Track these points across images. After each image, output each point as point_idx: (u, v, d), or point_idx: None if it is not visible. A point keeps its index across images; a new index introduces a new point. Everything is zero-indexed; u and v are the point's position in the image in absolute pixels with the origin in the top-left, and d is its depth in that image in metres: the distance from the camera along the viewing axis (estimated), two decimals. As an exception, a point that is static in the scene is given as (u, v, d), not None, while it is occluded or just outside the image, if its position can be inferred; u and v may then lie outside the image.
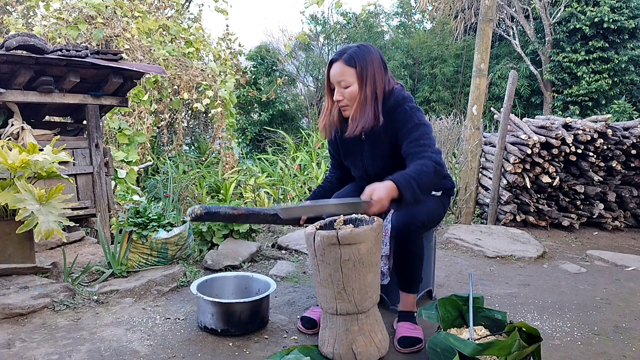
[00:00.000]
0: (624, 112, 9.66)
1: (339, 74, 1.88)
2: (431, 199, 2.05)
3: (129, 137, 5.69)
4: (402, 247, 1.93)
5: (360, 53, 1.88)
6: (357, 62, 1.87)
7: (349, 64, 1.87)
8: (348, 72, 1.87)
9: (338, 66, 1.88)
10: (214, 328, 1.95)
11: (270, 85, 11.08)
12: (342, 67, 1.87)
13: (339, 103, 1.92)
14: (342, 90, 1.89)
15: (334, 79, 1.90)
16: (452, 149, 4.91)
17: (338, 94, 1.90)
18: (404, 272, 1.99)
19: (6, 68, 2.99)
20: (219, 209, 1.96)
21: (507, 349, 1.49)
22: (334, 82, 1.90)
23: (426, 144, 1.84)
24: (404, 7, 14.23)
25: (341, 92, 1.89)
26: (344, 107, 1.93)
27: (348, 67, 1.86)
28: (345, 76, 1.87)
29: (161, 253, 2.68)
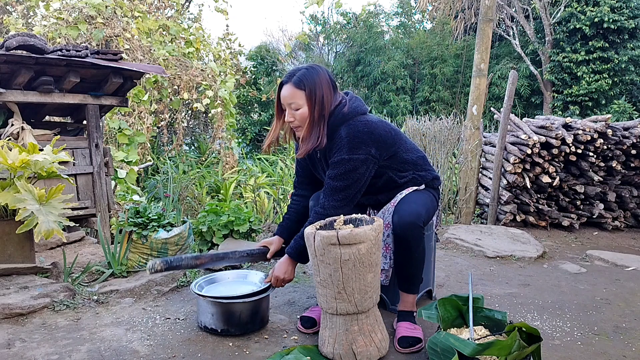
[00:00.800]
0: (624, 112, 9.66)
1: (290, 97, 1.90)
2: (421, 195, 2.02)
3: (129, 137, 5.69)
4: (405, 249, 1.93)
5: (309, 75, 1.90)
6: (306, 85, 1.89)
7: (298, 86, 1.89)
8: (298, 95, 1.89)
9: (288, 89, 1.90)
10: (214, 328, 1.95)
11: (270, 85, 11.08)
12: (292, 89, 1.90)
13: (291, 124, 1.95)
14: (293, 112, 1.91)
15: (284, 100, 1.92)
16: (452, 149, 4.91)
17: (289, 115, 1.93)
18: (404, 273, 1.99)
19: (6, 68, 2.99)
20: (180, 260, 1.96)
21: (507, 349, 1.49)
22: (285, 103, 1.92)
23: (330, 188, 1.92)
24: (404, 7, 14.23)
25: (292, 113, 1.92)
26: (296, 127, 1.95)
27: (298, 90, 1.89)
28: (295, 99, 1.89)
29: (161, 253, 2.68)
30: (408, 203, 1.97)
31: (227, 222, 2.98)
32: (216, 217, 3.01)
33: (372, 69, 11.98)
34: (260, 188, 5.96)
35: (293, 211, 2.25)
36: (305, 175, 2.24)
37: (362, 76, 12.09)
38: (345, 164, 1.89)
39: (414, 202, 1.97)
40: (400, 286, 2.03)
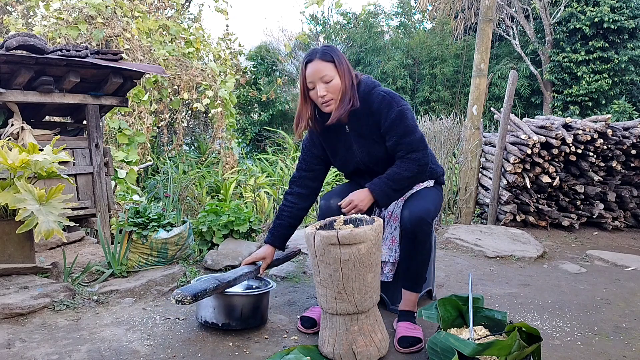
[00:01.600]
0: (624, 112, 9.66)
1: (321, 71, 1.90)
2: (430, 192, 2.07)
3: (129, 137, 5.69)
4: (413, 245, 1.95)
5: (330, 48, 1.96)
6: (332, 56, 1.92)
7: (326, 59, 1.91)
8: (328, 67, 1.91)
9: (317, 64, 1.91)
10: (215, 322, 1.95)
11: (270, 85, 11.08)
12: (321, 63, 1.90)
13: (324, 99, 1.92)
14: (325, 85, 1.91)
15: (314, 76, 1.91)
16: (452, 149, 4.91)
17: (322, 90, 1.91)
18: (412, 270, 2.00)
19: (6, 68, 2.99)
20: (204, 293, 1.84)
21: (507, 349, 1.49)
22: (315, 79, 1.91)
23: (410, 142, 1.92)
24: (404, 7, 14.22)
25: (325, 87, 1.91)
26: (328, 102, 1.93)
27: (326, 63, 1.91)
28: (326, 71, 1.90)
29: (161, 253, 2.68)
30: (418, 199, 2.01)
31: (227, 222, 2.98)
32: (216, 217, 3.01)
33: (372, 69, 11.98)
34: (260, 188, 5.96)
35: (287, 215, 2.14)
36: (310, 168, 2.15)
37: (362, 76, 12.09)
38: (405, 113, 1.93)
39: (424, 199, 2.00)
40: (404, 284, 2.04)
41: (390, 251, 2.12)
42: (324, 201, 2.10)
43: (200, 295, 1.80)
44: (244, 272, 2.04)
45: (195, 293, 1.78)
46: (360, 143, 2.03)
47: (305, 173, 2.16)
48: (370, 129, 1.99)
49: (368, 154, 2.04)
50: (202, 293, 1.81)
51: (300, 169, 2.18)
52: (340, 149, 2.09)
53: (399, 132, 1.92)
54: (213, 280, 1.90)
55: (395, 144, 1.94)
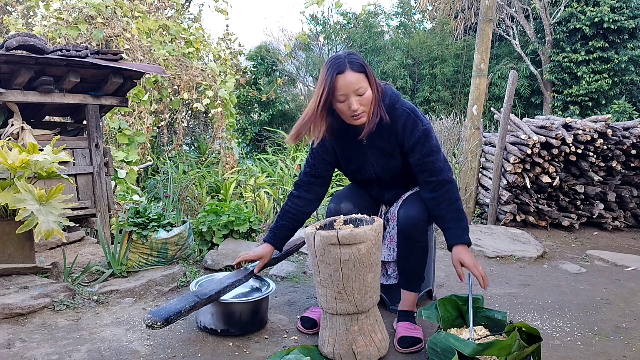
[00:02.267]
0: (624, 112, 9.66)
1: (356, 82, 1.80)
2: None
3: (129, 137, 5.69)
4: (409, 243, 1.95)
5: (357, 57, 1.87)
6: (364, 66, 1.84)
7: (359, 70, 1.82)
8: (361, 79, 1.81)
9: (352, 75, 1.80)
10: (214, 328, 1.95)
11: (270, 85, 11.08)
12: (353, 75, 1.80)
13: (356, 112, 1.83)
14: (359, 97, 1.82)
15: (348, 89, 1.80)
16: (452, 149, 4.91)
17: (355, 103, 1.81)
18: (408, 270, 2.00)
19: (6, 68, 2.99)
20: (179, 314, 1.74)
21: (507, 349, 1.49)
22: (349, 91, 1.81)
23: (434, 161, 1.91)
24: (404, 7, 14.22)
25: (358, 100, 1.81)
26: (360, 114, 1.84)
27: (358, 74, 1.81)
28: (361, 82, 1.81)
29: (161, 253, 2.68)
30: (415, 200, 2.01)
31: (227, 222, 2.98)
32: (216, 217, 3.01)
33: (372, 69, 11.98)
34: (260, 188, 5.96)
35: (291, 217, 2.08)
36: (319, 174, 2.08)
37: (362, 76, 12.09)
38: (430, 132, 1.92)
39: (419, 201, 2.00)
40: (402, 284, 2.04)
41: (389, 250, 2.12)
42: (334, 204, 2.05)
43: (174, 317, 1.70)
44: (231, 282, 1.98)
45: (167, 317, 1.68)
46: (377, 156, 2.00)
47: (314, 179, 2.09)
48: (391, 144, 1.95)
49: (383, 168, 2.01)
50: (176, 315, 1.71)
51: (309, 174, 2.09)
52: (353, 158, 2.04)
53: (424, 151, 1.91)
54: (191, 297, 1.81)
55: (420, 162, 1.92)
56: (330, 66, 1.83)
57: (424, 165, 1.92)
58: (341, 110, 1.85)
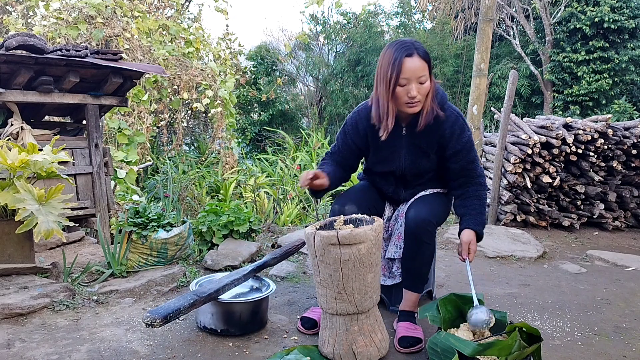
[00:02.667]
0: (625, 112, 9.65)
1: (420, 69, 1.77)
2: (440, 198, 2.08)
3: (128, 137, 5.69)
4: (416, 245, 1.95)
5: (422, 46, 1.82)
6: (428, 56, 1.82)
7: (424, 58, 1.78)
8: (425, 67, 1.79)
9: (417, 61, 1.76)
10: (214, 328, 1.95)
11: (270, 85, 11.07)
12: (420, 61, 1.77)
13: (413, 99, 1.80)
14: (419, 85, 1.79)
15: (413, 74, 1.77)
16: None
17: (415, 89, 1.78)
18: (413, 270, 1.99)
19: (6, 68, 2.99)
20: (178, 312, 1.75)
21: (507, 349, 1.49)
22: (413, 77, 1.77)
23: (475, 169, 1.98)
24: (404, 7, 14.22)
25: (417, 87, 1.79)
26: (415, 103, 1.81)
27: (424, 62, 1.78)
28: (425, 71, 1.78)
29: (161, 253, 2.68)
30: (426, 202, 2.01)
31: (227, 222, 2.98)
32: (216, 217, 3.01)
33: (372, 69, 11.96)
34: (260, 188, 5.95)
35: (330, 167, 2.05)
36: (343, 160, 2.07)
37: (362, 76, 12.08)
38: (472, 140, 1.97)
39: (431, 203, 2.00)
40: (405, 284, 2.03)
41: (396, 247, 2.12)
42: (338, 206, 2.03)
43: (173, 315, 1.71)
44: (230, 281, 1.98)
45: (166, 315, 1.68)
46: (411, 151, 1.98)
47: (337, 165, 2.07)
48: (430, 143, 1.94)
49: (412, 164, 2.00)
50: (175, 313, 1.71)
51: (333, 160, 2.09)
52: (385, 148, 2.00)
53: (468, 159, 1.95)
54: (190, 296, 1.82)
55: (461, 168, 1.96)
56: (397, 48, 1.78)
57: (465, 171, 1.96)
58: (398, 94, 1.81)
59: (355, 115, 2.04)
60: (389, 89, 1.80)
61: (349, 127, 2.04)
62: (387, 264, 2.21)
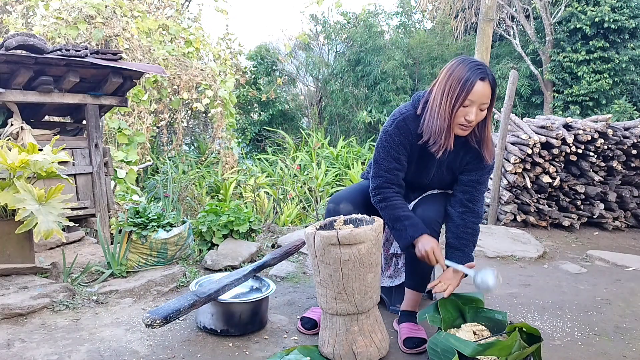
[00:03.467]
0: (625, 112, 9.65)
1: (487, 96, 1.75)
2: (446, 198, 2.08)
3: (128, 137, 5.69)
4: None
5: (493, 75, 1.80)
6: (495, 85, 1.79)
7: (492, 86, 1.77)
8: (490, 95, 1.77)
9: (487, 88, 1.74)
10: (214, 328, 1.94)
11: (270, 85, 11.07)
12: (489, 89, 1.75)
13: (469, 124, 1.77)
14: (479, 112, 1.77)
15: (480, 99, 1.74)
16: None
17: (473, 114, 1.75)
18: (418, 270, 2.00)
19: (6, 68, 2.98)
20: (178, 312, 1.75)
21: (507, 349, 1.49)
22: (478, 101, 1.74)
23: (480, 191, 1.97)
24: (404, 6, 14.21)
25: (478, 113, 1.77)
26: (469, 128, 1.79)
27: (491, 90, 1.76)
28: (489, 99, 1.77)
29: (161, 253, 2.68)
30: (433, 201, 2.01)
31: (227, 222, 2.98)
32: (216, 217, 3.00)
33: (372, 69, 11.96)
34: (260, 188, 5.95)
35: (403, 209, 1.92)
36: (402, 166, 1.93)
37: (362, 76, 12.08)
38: (491, 171, 2.00)
39: (439, 202, 2.01)
40: (409, 283, 2.04)
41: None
42: (333, 205, 2.02)
43: (173, 316, 1.71)
44: (230, 281, 1.98)
45: (166, 315, 1.68)
46: (441, 170, 1.97)
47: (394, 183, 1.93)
48: (460, 163, 1.94)
49: (440, 180, 2.01)
50: (175, 314, 1.72)
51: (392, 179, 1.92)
52: (421, 162, 1.97)
53: (479, 178, 1.95)
54: (190, 296, 1.82)
55: (468, 183, 1.95)
56: (472, 68, 1.74)
57: (470, 187, 1.95)
58: (457, 114, 1.76)
59: (401, 123, 1.89)
60: (452, 107, 1.75)
61: (397, 138, 1.89)
62: (394, 261, 2.21)
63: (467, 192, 1.95)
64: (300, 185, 6.20)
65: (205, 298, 1.84)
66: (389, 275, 2.26)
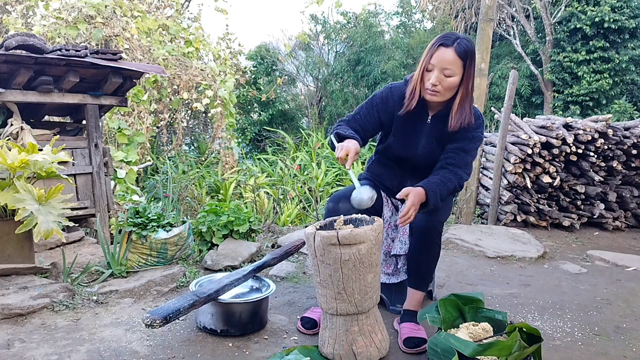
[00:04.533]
0: (625, 112, 9.65)
1: (448, 62, 1.82)
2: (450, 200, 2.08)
3: (128, 137, 5.69)
4: (425, 243, 1.96)
5: (471, 48, 1.86)
6: (468, 56, 1.84)
7: (460, 55, 1.82)
8: (457, 63, 1.82)
9: (450, 53, 1.81)
10: (214, 328, 1.94)
11: (270, 85, 11.07)
12: (453, 55, 1.81)
13: (432, 87, 1.85)
14: (442, 77, 1.83)
15: (439, 64, 1.82)
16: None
17: (436, 79, 1.83)
18: (420, 269, 2.00)
19: (6, 68, 2.98)
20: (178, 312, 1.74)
21: (507, 349, 1.49)
22: (438, 66, 1.83)
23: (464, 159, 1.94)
24: (404, 6, 14.21)
25: (440, 78, 1.83)
26: (434, 92, 1.86)
27: (458, 59, 1.82)
28: (452, 66, 1.82)
29: (161, 253, 2.68)
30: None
31: (227, 222, 2.97)
32: (216, 217, 3.00)
33: (372, 69, 11.97)
34: (260, 188, 5.95)
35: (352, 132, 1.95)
36: (364, 125, 2.01)
37: (362, 76, 12.08)
38: (480, 141, 1.97)
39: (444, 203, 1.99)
40: (411, 282, 2.04)
41: (401, 244, 2.12)
42: (332, 203, 2.03)
43: (173, 316, 1.71)
44: (230, 281, 1.98)
45: (166, 315, 1.68)
46: (430, 141, 2.00)
47: (359, 127, 2.01)
48: (451, 135, 1.96)
49: (428, 152, 2.01)
50: (175, 314, 1.72)
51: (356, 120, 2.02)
52: (406, 132, 2.02)
53: (464, 148, 1.94)
54: (190, 296, 1.82)
55: (452, 150, 1.94)
56: (441, 37, 1.87)
57: (453, 153, 1.94)
58: (424, 78, 1.89)
59: (387, 90, 2.04)
60: (420, 70, 1.89)
61: (378, 99, 2.04)
62: (393, 261, 2.21)
63: (448, 158, 1.95)
64: (300, 185, 6.20)
65: (205, 298, 1.84)
66: (390, 272, 2.25)
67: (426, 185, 1.83)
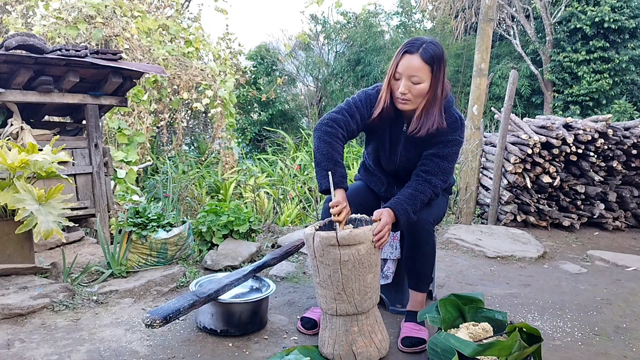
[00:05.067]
0: (625, 112, 9.65)
1: (414, 69, 1.79)
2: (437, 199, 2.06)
3: (128, 137, 5.68)
4: (416, 245, 1.95)
5: (438, 52, 1.82)
6: (434, 61, 1.81)
7: (426, 61, 1.80)
8: (424, 70, 1.80)
9: (415, 60, 1.79)
10: (214, 328, 1.94)
11: (270, 85, 11.07)
12: (419, 62, 1.79)
13: (402, 96, 1.83)
14: (410, 84, 1.82)
15: (406, 71, 1.81)
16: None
17: (404, 87, 1.81)
18: (415, 270, 2.00)
19: (5, 68, 2.98)
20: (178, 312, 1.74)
21: (507, 349, 1.49)
22: (404, 74, 1.81)
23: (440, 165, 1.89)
24: (404, 6, 14.21)
25: (409, 86, 1.82)
26: (405, 101, 1.85)
27: (425, 65, 1.80)
28: (420, 72, 1.80)
29: (161, 253, 2.68)
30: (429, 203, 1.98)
31: (227, 222, 2.97)
32: (216, 217, 3.00)
33: (372, 69, 11.97)
34: (260, 188, 5.95)
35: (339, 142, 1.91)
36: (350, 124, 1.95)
37: (362, 76, 12.08)
38: (457, 145, 1.92)
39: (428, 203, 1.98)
40: (409, 284, 2.04)
41: (391, 248, 2.13)
42: (328, 204, 2.06)
43: (173, 316, 1.71)
44: (230, 281, 1.98)
45: (166, 315, 1.68)
46: (408, 148, 1.98)
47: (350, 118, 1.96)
48: (427, 142, 1.93)
49: (407, 160, 2.00)
50: (175, 314, 1.72)
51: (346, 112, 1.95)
52: (385, 140, 2.01)
53: (438, 154, 1.90)
54: (190, 296, 1.82)
55: (428, 156, 1.91)
56: (406, 44, 1.84)
57: (428, 160, 1.91)
58: (393, 87, 1.88)
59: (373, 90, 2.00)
60: (388, 79, 1.88)
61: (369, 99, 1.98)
62: (383, 263, 2.21)
63: (424, 165, 1.91)
64: (300, 185, 6.20)
65: (205, 298, 1.84)
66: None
67: (394, 205, 1.81)
